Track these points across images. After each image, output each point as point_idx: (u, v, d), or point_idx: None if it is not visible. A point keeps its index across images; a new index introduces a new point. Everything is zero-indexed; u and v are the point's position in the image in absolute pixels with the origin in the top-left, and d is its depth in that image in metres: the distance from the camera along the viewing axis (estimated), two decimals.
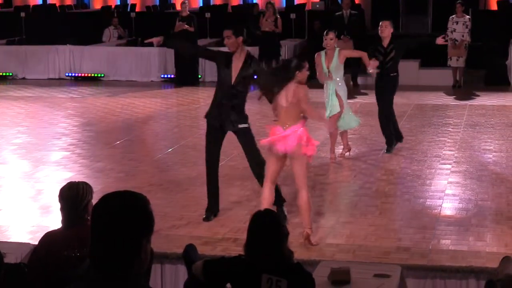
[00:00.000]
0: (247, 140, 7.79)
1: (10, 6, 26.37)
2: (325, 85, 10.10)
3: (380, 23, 10.60)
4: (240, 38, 7.63)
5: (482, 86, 16.58)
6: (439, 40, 10.69)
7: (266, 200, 7.15)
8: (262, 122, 10.33)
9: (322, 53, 10.06)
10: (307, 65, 7.19)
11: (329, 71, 9.96)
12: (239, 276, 4.46)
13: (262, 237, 4.39)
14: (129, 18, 20.73)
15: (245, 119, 7.78)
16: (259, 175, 7.64)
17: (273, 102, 7.18)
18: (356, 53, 11.08)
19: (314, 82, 9.18)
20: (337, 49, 10.07)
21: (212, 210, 7.97)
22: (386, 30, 10.49)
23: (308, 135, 7.10)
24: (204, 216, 7.89)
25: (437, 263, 6.59)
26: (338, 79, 10.04)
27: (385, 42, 10.49)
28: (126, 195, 2.67)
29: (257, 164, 7.75)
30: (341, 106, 10.05)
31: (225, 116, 7.69)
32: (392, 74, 10.49)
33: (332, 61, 9.97)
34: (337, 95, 10.02)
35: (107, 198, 2.67)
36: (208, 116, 7.86)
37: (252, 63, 7.64)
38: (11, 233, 7.67)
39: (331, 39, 9.98)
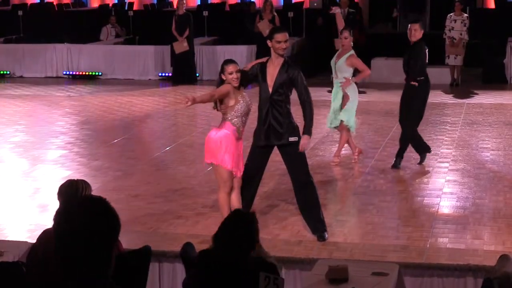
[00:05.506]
0: (293, 157, 7.15)
1: (7, 4, 26.35)
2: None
3: (409, 26, 9.55)
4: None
5: (479, 84, 16.59)
6: None
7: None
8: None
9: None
10: (229, 67, 6.89)
11: (335, 68, 9.84)
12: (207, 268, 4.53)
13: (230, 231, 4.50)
14: (126, 16, 20.72)
15: (293, 131, 7.13)
16: (304, 198, 7.26)
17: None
18: (361, 66, 9.82)
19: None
20: (351, 52, 9.76)
21: None
22: (416, 33, 9.46)
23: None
24: None
25: (435, 261, 6.58)
26: (342, 78, 9.77)
27: None
28: (91, 202, 2.58)
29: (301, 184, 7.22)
30: (344, 103, 9.86)
31: (271, 130, 7.09)
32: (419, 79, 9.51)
33: (340, 59, 9.81)
34: (345, 94, 9.84)
35: (72, 207, 2.59)
36: (254, 135, 7.30)
37: (289, 68, 7.11)
38: (8, 231, 7.67)
39: (346, 38, 9.74)
